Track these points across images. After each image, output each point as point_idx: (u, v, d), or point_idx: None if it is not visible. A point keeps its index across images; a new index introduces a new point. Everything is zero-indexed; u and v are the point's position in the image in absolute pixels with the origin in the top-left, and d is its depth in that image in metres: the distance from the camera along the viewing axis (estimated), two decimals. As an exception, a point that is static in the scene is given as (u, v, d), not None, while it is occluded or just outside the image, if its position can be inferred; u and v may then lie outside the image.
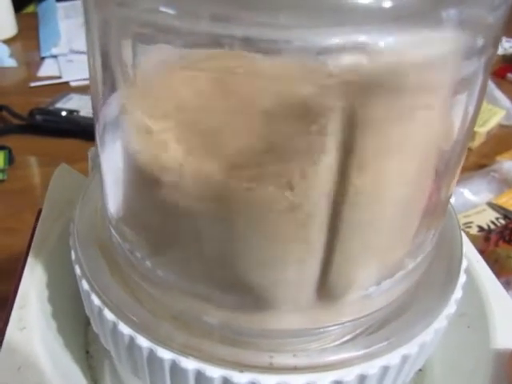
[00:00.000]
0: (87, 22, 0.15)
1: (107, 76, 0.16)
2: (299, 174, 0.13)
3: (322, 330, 0.16)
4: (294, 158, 0.13)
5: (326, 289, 0.15)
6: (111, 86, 0.16)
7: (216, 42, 0.13)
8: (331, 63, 0.12)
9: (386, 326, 0.17)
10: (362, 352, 0.16)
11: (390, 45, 0.12)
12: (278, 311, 0.16)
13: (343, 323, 0.16)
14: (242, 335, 0.16)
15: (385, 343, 0.16)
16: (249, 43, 0.12)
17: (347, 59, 0.12)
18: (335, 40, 0.12)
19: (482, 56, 0.14)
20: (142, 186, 0.16)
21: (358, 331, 0.17)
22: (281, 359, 0.16)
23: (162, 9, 0.12)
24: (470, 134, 0.16)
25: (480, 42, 0.13)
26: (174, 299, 0.17)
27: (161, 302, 0.17)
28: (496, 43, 0.14)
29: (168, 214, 0.15)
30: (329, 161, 0.13)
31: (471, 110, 0.15)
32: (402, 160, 0.14)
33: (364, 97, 0.12)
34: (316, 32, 0.12)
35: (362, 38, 0.12)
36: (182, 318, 0.17)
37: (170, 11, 0.12)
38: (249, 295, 0.15)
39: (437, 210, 0.17)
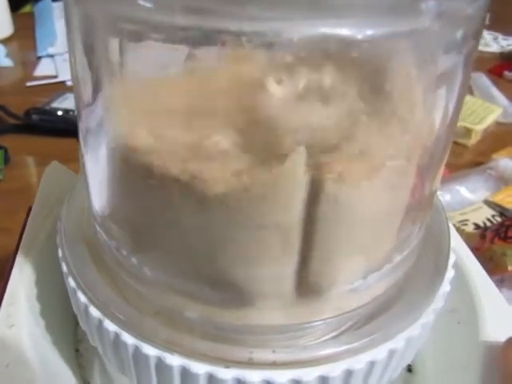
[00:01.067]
0: (68, 19, 0.15)
1: (89, 74, 0.16)
2: (271, 169, 0.13)
3: (305, 325, 0.16)
4: (265, 153, 0.13)
5: (307, 285, 0.15)
6: (93, 85, 0.16)
7: (201, 36, 0.13)
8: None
9: (373, 320, 0.17)
10: (347, 347, 0.16)
11: (370, 37, 0.12)
12: (259, 307, 0.15)
13: (327, 319, 0.16)
14: (223, 331, 0.16)
15: (371, 338, 0.16)
16: (232, 37, 0.12)
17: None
18: (316, 32, 0.12)
19: (463, 49, 0.14)
20: (126, 184, 0.16)
21: (344, 327, 0.17)
22: (260, 355, 0.16)
23: (140, 2, 0.12)
24: (453, 128, 0.16)
25: (460, 34, 0.13)
26: (157, 295, 0.17)
27: (145, 298, 0.17)
28: (477, 36, 0.14)
29: (151, 210, 0.15)
30: (301, 157, 0.13)
31: (452, 104, 0.15)
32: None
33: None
34: (296, 24, 0.12)
35: (342, 31, 0.12)
36: (165, 313, 0.16)
37: (148, 4, 0.12)
38: (229, 291, 0.15)
39: (421, 204, 0.17)
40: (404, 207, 0.15)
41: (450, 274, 0.18)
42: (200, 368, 0.16)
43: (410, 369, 0.23)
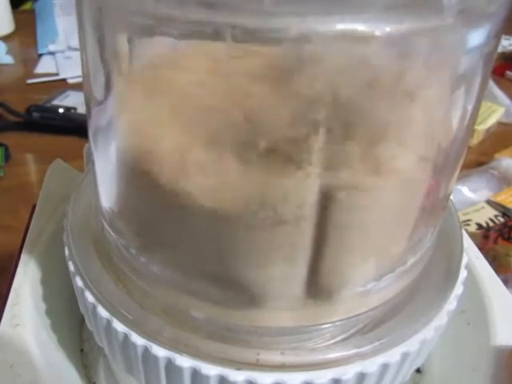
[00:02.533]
0: (79, 14, 0.15)
1: (100, 71, 0.15)
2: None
3: (314, 327, 0.16)
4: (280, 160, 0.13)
5: (317, 287, 0.15)
6: (105, 82, 0.15)
7: (212, 31, 0.12)
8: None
9: (385, 323, 0.16)
10: (358, 350, 0.16)
11: (388, 34, 0.11)
12: (267, 308, 0.15)
13: (337, 321, 0.16)
14: (230, 331, 0.16)
15: (384, 340, 0.16)
16: (244, 32, 0.12)
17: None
18: (333, 28, 0.12)
19: (484, 48, 0.13)
20: (136, 184, 0.15)
21: (355, 329, 0.17)
22: (268, 357, 0.15)
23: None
24: (470, 131, 0.16)
25: (482, 32, 0.13)
26: (165, 294, 0.16)
27: (153, 298, 0.17)
28: (498, 35, 0.13)
29: (160, 212, 0.15)
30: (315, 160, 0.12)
31: (471, 105, 0.14)
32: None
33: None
34: (314, 20, 0.12)
35: (360, 27, 0.12)
36: (172, 313, 0.16)
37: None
38: (238, 291, 0.15)
39: (436, 207, 0.16)
40: (418, 210, 0.15)
41: (462, 275, 0.18)
42: (211, 370, 0.15)
43: (418, 369, 0.23)
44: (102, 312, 0.17)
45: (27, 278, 0.22)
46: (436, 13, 0.12)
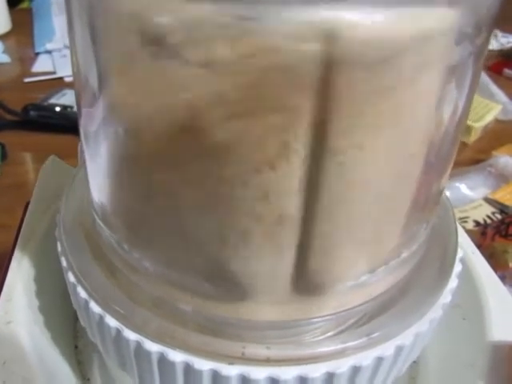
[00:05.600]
0: (69, 11, 0.15)
1: (90, 69, 0.15)
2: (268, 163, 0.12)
3: (303, 322, 0.16)
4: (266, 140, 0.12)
5: (306, 281, 0.15)
6: (96, 79, 0.15)
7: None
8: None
9: (380, 316, 0.16)
10: (353, 343, 0.15)
11: (378, 22, 0.11)
12: (252, 301, 0.15)
13: (327, 316, 0.16)
14: (217, 324, 0.16)
15: (378, 334, 0.16)
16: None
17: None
18: (318, 16, 0.11)
19: (475, 40, 0.13)
20: (127, 169, 0.15)
21: (349, 323, 0.16)
22: (253, 350, 0.15)
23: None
24: (463, 126, 0.15)
25: (473, 24, 0.13)
26: (156, 288, 0.16)
27: (144, 292, 0.16)
28: (490, 28, 0.13)
29: (149, 197, 0.15)
30: (300, 147, 0.12)
31: (462, 100, 0.14)
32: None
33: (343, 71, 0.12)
34: (295, 8, 0.11)
35: (348, 16, 0.11)
36: (163, 306, 0.16)
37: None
38: (224, 283, 0.15)
39: (428, 202, 0.16)
40: (409, 199, 0.15)
41: (457, 268, 0.18)
42: (203, 365, 0.15)
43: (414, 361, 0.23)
44: (95, 307, 0.17)
45: (20, 274, 0.22)
46: (426, 1, 0.11)
